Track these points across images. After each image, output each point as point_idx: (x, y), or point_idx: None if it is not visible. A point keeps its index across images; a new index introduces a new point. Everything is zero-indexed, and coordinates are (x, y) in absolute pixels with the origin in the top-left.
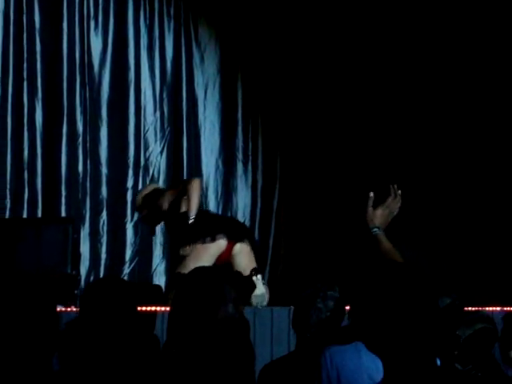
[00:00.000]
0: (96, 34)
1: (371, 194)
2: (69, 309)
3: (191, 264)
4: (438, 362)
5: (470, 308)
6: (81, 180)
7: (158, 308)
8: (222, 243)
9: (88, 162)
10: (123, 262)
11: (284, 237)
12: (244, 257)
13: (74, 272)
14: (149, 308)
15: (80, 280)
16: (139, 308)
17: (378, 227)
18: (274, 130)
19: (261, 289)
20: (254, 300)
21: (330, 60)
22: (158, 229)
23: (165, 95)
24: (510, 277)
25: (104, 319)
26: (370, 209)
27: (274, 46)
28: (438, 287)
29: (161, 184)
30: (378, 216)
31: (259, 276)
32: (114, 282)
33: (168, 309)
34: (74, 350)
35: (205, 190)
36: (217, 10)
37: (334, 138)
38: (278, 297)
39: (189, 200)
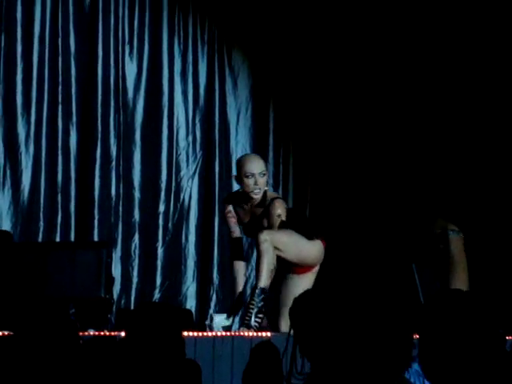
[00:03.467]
0: (131, 59)
1: None
2: (102, 333)
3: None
4: None
5: None
6: (113, 204)
7: (190, 333)
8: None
9: (121, 185)
10: (154, 287)
11: None
12: None
13: (107, 296)
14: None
15: (113, 304)
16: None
17: (458, 230)
18: (305, 156)
19: None
20: None
21: (362, 86)
22: (192, 249)
23: (197, 120)
24: None
25: (149, 344)
26: None
27: (305, 72)
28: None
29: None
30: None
31: None
32: (161, 306)
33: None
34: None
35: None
36: (250, 36)
37: (365, 162)
38: None
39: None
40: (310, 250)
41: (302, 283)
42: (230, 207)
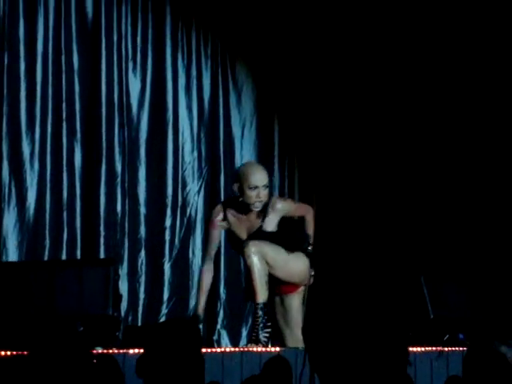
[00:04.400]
0: (134, 75)
1: None
2: (110, 351)
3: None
4: None
5: None
6: (119, 220)
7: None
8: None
9: (127, 201)
10: (161, 302)
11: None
12: None
13: (115, 314)
14: None
15: (121, 322)
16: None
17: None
18: (310, 169)
19: None
20: None
21: (368, 100)
22: (199, 264)
23: (202, 135)
24: None
25: (169, 361)
26: None
27: (310, 85)
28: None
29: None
30: None
31: None
32: (181, 324)
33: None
34: None
35: None
36: (253, 50)
37: (370, 175)
38: None
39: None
40: (297, 265)
41: (293, 303)
42: (221, 215)
